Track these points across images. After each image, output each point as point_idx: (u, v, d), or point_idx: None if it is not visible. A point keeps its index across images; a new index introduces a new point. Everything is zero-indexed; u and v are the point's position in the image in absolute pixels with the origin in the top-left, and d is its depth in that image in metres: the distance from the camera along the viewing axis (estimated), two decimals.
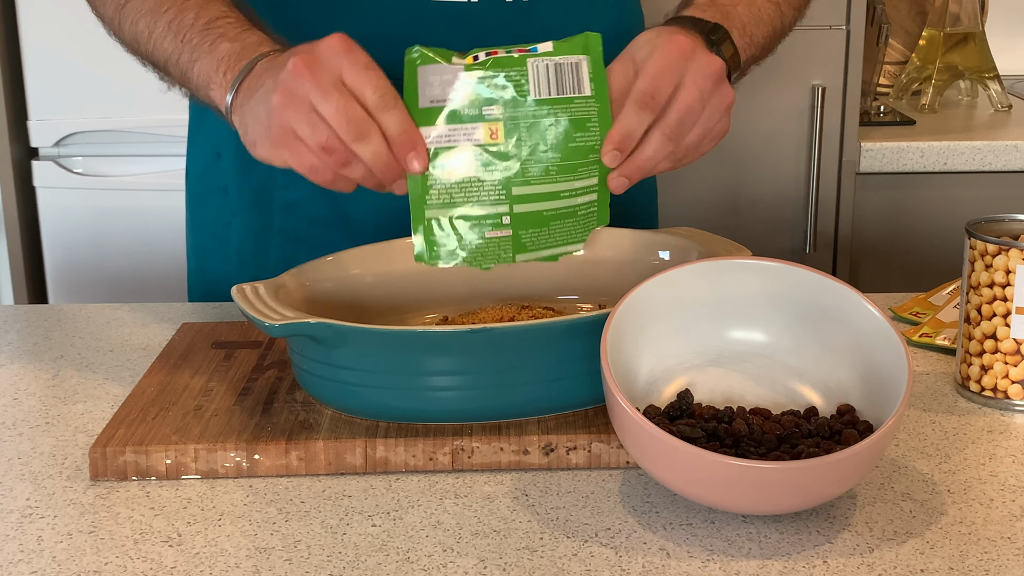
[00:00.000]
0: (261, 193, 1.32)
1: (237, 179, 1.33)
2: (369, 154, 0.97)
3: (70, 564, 0.84)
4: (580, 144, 1.02)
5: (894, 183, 2.26)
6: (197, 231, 1.42)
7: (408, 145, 0.98)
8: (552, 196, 1.03)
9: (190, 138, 1.40)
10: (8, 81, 2.33)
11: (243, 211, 1.34)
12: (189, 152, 1.41)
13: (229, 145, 1.32)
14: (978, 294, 1.05)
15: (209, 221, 1.39)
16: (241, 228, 1.35)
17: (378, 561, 0.84)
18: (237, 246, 1.35)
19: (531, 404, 0.98)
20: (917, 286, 1.41)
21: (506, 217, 1.02)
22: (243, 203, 1.34)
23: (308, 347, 0.98)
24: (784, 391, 0.98)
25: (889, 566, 0.83)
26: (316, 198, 1.29)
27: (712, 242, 1.13)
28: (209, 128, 1.36)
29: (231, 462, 0.95)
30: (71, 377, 1.15)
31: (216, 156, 1.36)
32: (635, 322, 0.95)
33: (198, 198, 1.40)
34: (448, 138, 1.01)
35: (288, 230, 1.31)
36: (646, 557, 0.84)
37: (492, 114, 1.02)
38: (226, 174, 1.35)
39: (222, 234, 1.37)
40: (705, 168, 2.25)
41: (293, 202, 1.31)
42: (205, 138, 1.37)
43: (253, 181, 1.32)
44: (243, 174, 1.32)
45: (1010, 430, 1.03)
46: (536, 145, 1.02)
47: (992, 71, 2.46)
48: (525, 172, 1.02)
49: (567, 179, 1.03)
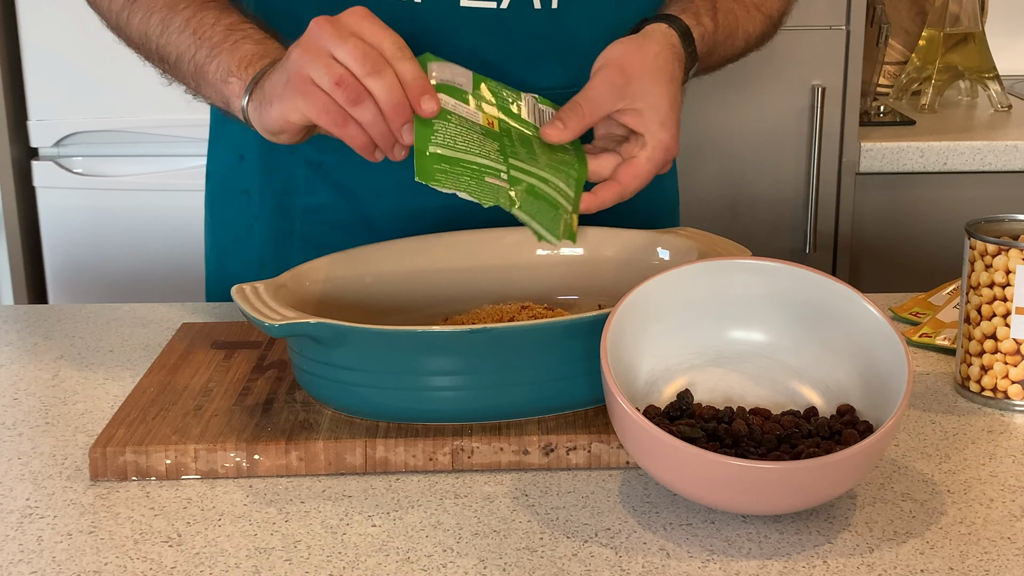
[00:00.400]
0: (283, 197, 1.32)
1: (260, 183, 1.33)
2: (382, 89, 0.99)
3: (70, 564, 0.84)
4: (560, 154, 1.09)
5: (894, 183, 2.26)
6: (218, 233, 1.41)
7: (422, 88, 1.01)
8: (541, 179, 1.05)
9: (212, 140, 1.40)
10: (8, 81, 2.33)
11: (265, 215, 1.34)
12: (210, 154, 1.41)
13: (253, 148, 1.32)
14: (978, 294, 1.05)
15: (231, 224, 1.38)
16: (263, 232, 1.35)
17: (378, 561, 0.84)
18: (258, 249, 1.35)
19: (531, 404, 0.98)
20: (917, 286, 1.41)
21: (503, 174, 1.03)
22: (265, 207, 1.34)
23: (308, 347, 0.98)
24: (784, 391, 0.98)
25: (889, 566, 0.83)
26: (338, 203, 1.29)
27: (712, 242, 1.13)
28: (232, 131, 1.36)
29: (231, 462, 0.95)
30: (71, 377, 1.15)
31: (239, 159, 1.35)
32: (635, 322, 0.95)
33: (219, 200, 1.40)
34: (453, 106, 1.05)
35: (309, 235, 1.31)
36: (646, 557, 0.84)
37: (490, 111, 1.08)
38: (248, 177, 1.34)
39: (244, 237, 1.37)
40: (705, 168, 2.26)
41: (315, 207, 1.31)
42: (228, 141, 1.37)
43: (275, 185, 1.32)
44: (265, 178, 1.33)
45: (1010, 430, 1.03)
46: (527, 140, 1.08)
47: (992, 71, 2.46)
48: (516, 153, 1.06)
49: (552, 174, 1.06)
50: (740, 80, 2.22)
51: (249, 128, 1.10)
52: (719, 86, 2.22)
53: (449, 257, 1.17)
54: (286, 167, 1.31)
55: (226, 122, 1.37)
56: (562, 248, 1.17)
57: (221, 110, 1.14)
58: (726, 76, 2.27)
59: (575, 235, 1.07)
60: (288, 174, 1.31)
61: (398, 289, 1.14)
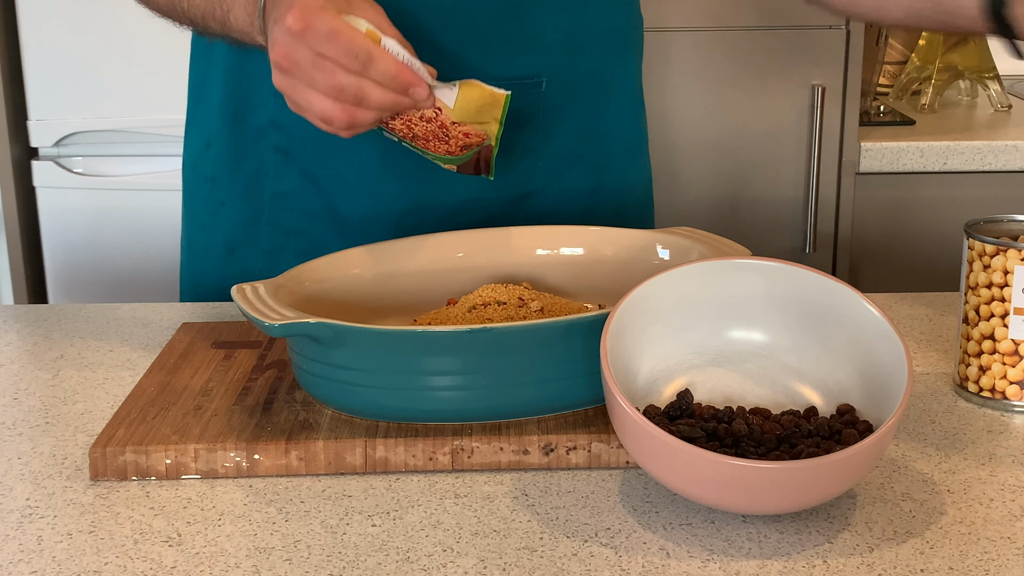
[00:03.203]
0: (251, 183, 1.32)
1: (228, 169, 1.34)
2: (379, 101, 1.01)
3: (70, 564, 0.84)
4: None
5: (894, 183, 2.27)
6: (188, 222, 1.42)
7: (406, 84, 1.01)
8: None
9: (186, 129, 1.41)
10: (8, 81, 2.33)
11: (234, 200, 1.34)
12: (184, 143, 1.42)
13: (220, 135, 1.33)
14: (976, 295, 1.05)
15: (198, 211, 1.39)
16: (230, 217, 1.35)
17: (378, 561, 0.84)
18: (225, 235, 1.35)
19: (531, 404, 0.98)
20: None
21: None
22: (234, 192, 1.34)
23: (308, 347, 0.98)
24: (784, 391, 0.98)
25: (889, 566, 0.83)
26: (306, 189, 1.30)
27: (712, 242, 1.13)
28: (202, 118, 1.37)
29: (231, 462, 0.95)
30: (71, 377, 1.15)
31: (206, 146, 1.36)
32: (635, 322, 0.95)
33: (190, 189, 1.41)
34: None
35: (277, 221, 1.32)
36: (646, 557, 0.84)
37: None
38: (215, 164, 1.35)
39: (210, 224, 1.37)
40: (705, 168, 2.26)
41: (283, 192, 1.31)
42: (198, 128, 1.38)
43: (245, 171, 1.32)
44: (235, 164, 1.33)
45: (1010, 430, 1.03)
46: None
47: (992, 71, 2.46)
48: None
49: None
50: (740, 80, 2.23)
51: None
52: (719, 86, 2.22)
53: (449, 257, 1.17)
54: (255, 153, 1.31)
55: (196, 111, 1.38)
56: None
57: (236, 39, 1.14)
58: (726, 76, 2.27)
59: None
60: (257, 160, 1.31)
61: (398, 289, 1.14)
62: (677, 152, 2.28)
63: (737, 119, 2.24)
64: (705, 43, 2.21)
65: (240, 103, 1.31)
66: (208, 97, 1.34)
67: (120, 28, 2.26)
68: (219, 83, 1.32)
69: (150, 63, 2.26)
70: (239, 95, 1.30)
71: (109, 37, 2.27)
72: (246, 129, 1.31)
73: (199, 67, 1.36)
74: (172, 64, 2.24)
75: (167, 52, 2.23)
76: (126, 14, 2.23)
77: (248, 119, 1.31)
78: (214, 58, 1.32)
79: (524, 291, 1.09)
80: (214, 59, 1.32)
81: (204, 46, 1.33)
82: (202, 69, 1.35)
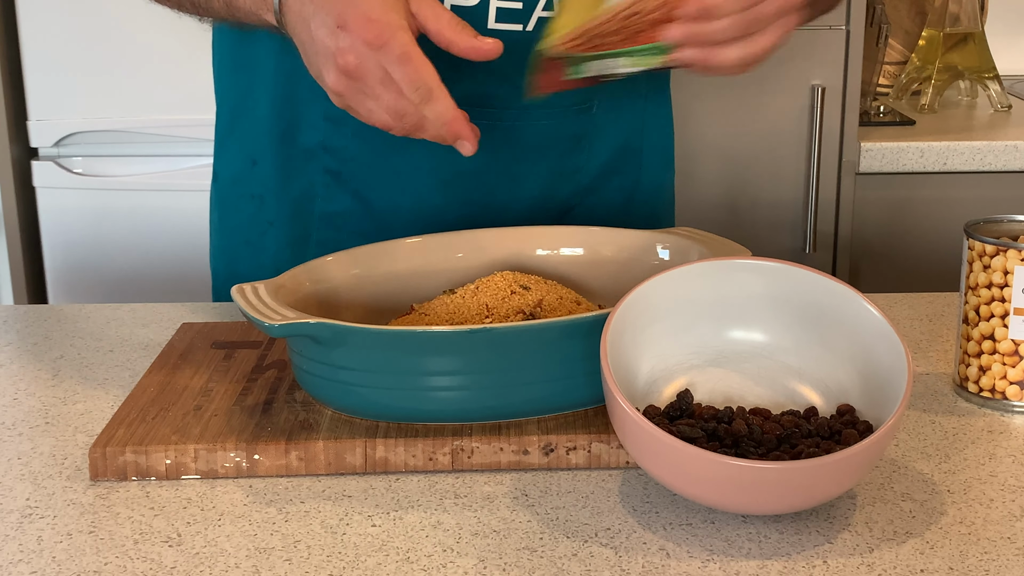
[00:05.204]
0: (300, 203, 1.32)
1: (276, 188, 1.33)
2: (431, 134, 1.03)
3: (70, 564, 0.84)
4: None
5: (894, 183, 2.26)
6: (226, 236, 1.41)
7: (456, 134, 1.03)
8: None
9: (219, 141, 1.39)
10: (8, 81, 2.33)
11: (281, 221, 1.34)
12: (218, 155, 1.40)
13: (267, 154, 1.32)
14: (976, 295, 1.05)
15: (242, 228, 1.38)
16: (278, 238, 1.34)
17: (378, 561, 0.84)
18: (273, 255, 1.34)
19: (531, 404, 0.98)
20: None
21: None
22: (282, 213, 1.33)
23: (308, 347, 0.98)
24: (784, 391, 0.98)
25: (889, 566, 0.83)
26: (356, 210, 1.29)
27: (712, 242, 1.13)
28: (243, 132, 1.35)
29: (231, 462, 0.95)
30: (71, 377, 1.15)
31: (251, 163, 1.35)
32: (635, 322, 0.95)
33: (228, 204, 1.39)
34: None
35: (326, 241, 1.31)
36: (646, 557, 0.84)
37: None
38: (262, 182, 1.34)
39: (256, 242, 1.36)
40: (705, 168, 2.26)
41: (333, 214, 1.31)
42: (238, 143, 1.36)
43: (292, 191, 1.32)
44: (282, 184, 1.32)
45: (1009, 430, 1.03)
46: None
47: (992, 71, 2.46)
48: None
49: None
50: (740, 80, 2.22)
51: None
52: (719, 86, 2.22)
53: (449, 257, 1.17)
54: (303, 174, 1.31)
55: (236, 124, 1.36)
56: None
57: (241, 23, 1.14)
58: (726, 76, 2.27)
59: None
60: (306, 181, 1.31)
61: (398, 289, 1.14)
62: (677, 152, 2.28)
63: (737, 119, 2.24)
64: None
65: (290, 124, 1.30)
66: (252, 114, 1.33)
67: (120, 28, 2.26)
68: (266, 101, 1.31)
69: (150, 63, 2.26)
70: (289, 116, 1.29)
71: (109, 37, 2.27)
72: (295, 150, 1.30)
73: (240, 81, 1.34)
74: (172, 64, 2.24)
75: (167, 52, 2.24)
76: (126, 14, 2.24)
77: (298, 140, 1.30)
78: (258, 74, 1.31)
79: (531, 280, 1.09)
80: (258, 75, 1.31)
81: (247, 60, 1.31)
82: (244, 84, 1.33)
